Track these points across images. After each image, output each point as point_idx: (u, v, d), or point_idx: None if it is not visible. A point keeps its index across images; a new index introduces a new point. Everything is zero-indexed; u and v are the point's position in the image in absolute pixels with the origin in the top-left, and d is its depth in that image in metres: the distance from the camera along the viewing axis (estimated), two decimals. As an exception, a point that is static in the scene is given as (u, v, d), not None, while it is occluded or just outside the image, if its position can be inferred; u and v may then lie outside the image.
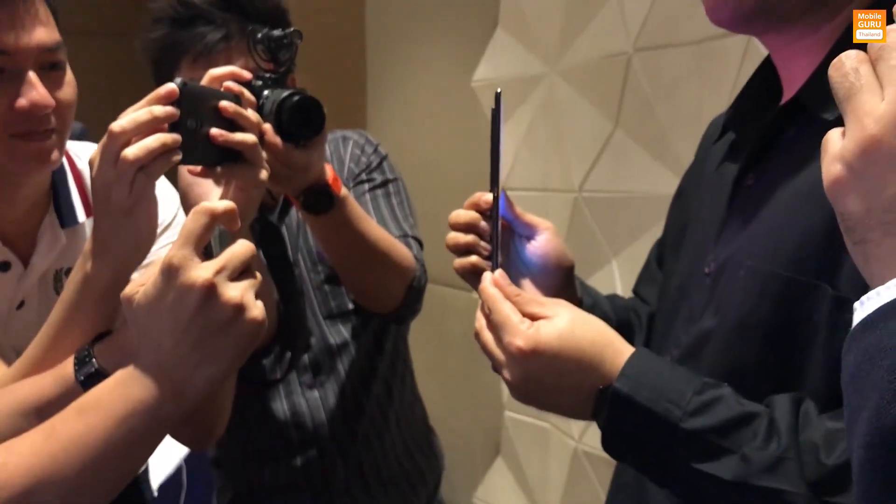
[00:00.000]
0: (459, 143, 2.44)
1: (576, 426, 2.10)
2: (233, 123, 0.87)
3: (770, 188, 0.70)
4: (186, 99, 0.81)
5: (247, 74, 0.99)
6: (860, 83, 0.44)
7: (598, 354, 0.65)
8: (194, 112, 0.83)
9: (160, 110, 0.79)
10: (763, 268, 0.67)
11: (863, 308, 0.43)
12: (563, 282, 0.85)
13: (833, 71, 0.45)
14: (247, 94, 0.95)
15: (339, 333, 1.31)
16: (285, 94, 1.00)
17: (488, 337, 0.70)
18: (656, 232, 1.04)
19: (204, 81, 0.95)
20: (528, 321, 0.67)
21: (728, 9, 0.70)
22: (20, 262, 0.99)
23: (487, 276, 0.73)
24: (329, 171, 1.10)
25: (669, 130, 1.80)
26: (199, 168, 0.90)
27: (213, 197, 0.90)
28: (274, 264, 1.20)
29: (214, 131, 0.85)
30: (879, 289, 0.43)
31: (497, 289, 0.71)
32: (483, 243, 0.83)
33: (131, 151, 0.77)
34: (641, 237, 1.83)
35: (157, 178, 0.81)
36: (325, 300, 1.31)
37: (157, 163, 0.79)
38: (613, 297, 0.97)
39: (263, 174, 0.90)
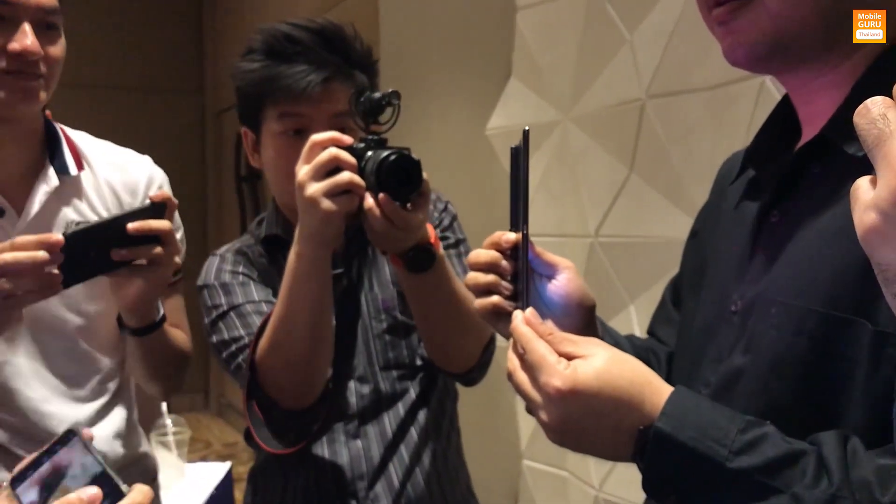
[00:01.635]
0: (475, 190, 2.46)
1: (595, 474, 2.07)
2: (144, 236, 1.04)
3: (796, 225, 0.70)
4: (78, 241, 0.97)
5: (347, 139, 1.05)
6: (889, 129, 0.43)
7: (638, 394, 0.64)
8: (89, 242, 1.00)
9: (41, 256, 0.93)
10: (798, 304, 0.66)
11: None
12: (585, 321, 0.84)
13: (859, 118, 0.44)
14: (343, 155, 1.02)
15: (392, 385, 1.28)
16: (385, 153, 1.03)
17: (523, 377, 0.68)
18: (673, 276, 1.05)
19: (306, 148, 1.04)
20: (564, 361, 0.65)
21: (743, 50, 0.70)
22: (14, 211, 1.13)
23: (518, 315, 0.71)
24: (430, 231, 1.11)
25: (684, 175, 1.81)
26: None
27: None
28: (340, 331, 1.21)
29: (115, 254, 1.03)
30: None
31: (529, 328, 0.70)
32: (504, 283, 0.82)
33: (2, 285, 0.92)
34: (659, 281, 1.83)
35: (25, 305, 0.99)
36: (385, 350, 1.28)
37: (27, 297, 0.96)
38: (632, 338, 0.96)
39: (167, 275, 1.08)
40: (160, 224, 1.04)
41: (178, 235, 1.36)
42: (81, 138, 1.27)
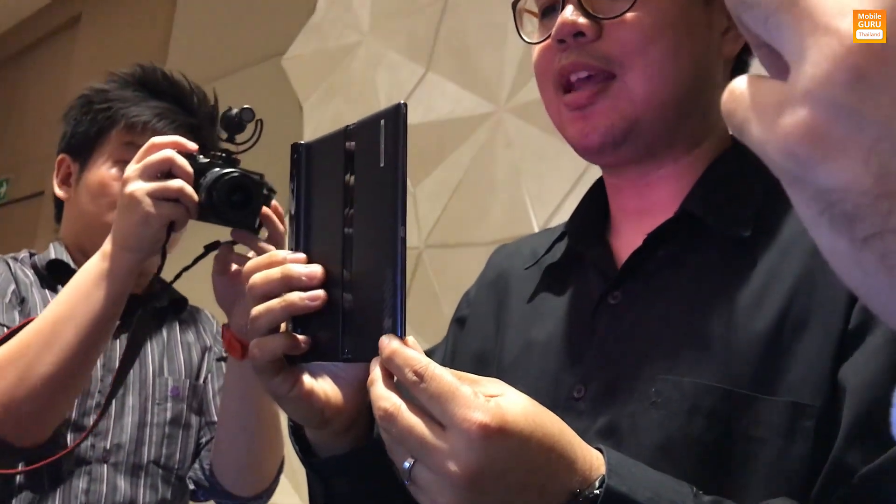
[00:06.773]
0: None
1: None
2: None
3: (647, 305, 0.67)
4: None
5: (192, 146, 0.94)
6: None
7: (569, 447, 0.50)
8: None
9: None
10: (690, 381, 0.61)
11: None
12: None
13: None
14: (180, 161, 0.92)
15: (152, 488, 1.10)
16: (227, 170, 0.93)
17: (413, 420, 0.49)
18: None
19: (143, 148, 0.94)
20: (480, 393, 0.49)
21: (597, 133, 0.68)
22: None
23: (394, 340, 0.52)
24: None
25: (453, 323, 1.85)
26: None
27: None
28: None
29: None
30: None
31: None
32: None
33: None
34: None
35: None
36: (160, 443, 1.13)
37: None
38: None
39: None
40: None
41: None
42: None
